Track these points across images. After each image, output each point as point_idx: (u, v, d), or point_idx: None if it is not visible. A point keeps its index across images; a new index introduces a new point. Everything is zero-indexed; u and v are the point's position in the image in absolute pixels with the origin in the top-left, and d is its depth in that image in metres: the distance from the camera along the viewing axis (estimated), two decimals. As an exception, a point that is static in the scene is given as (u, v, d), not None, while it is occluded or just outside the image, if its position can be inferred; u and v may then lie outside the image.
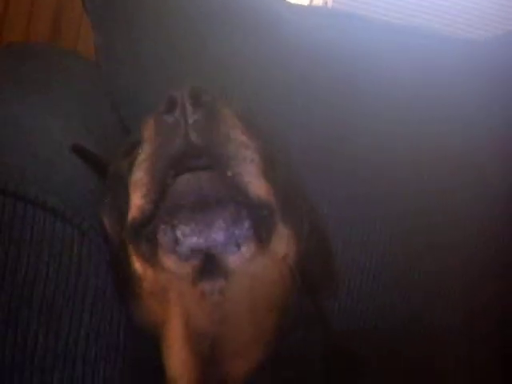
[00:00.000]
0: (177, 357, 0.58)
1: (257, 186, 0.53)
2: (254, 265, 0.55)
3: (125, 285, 0.61)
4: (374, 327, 1.01)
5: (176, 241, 0.51)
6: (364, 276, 1.02)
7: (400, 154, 1.10)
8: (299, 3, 1.69)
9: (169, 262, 0.54)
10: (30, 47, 1.24)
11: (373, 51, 1.21)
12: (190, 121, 0.51)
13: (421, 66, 1.23)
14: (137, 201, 0.53)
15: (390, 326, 1.03)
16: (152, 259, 0.55)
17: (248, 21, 1.12)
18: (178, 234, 0.51)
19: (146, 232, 0.53)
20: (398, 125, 1.13)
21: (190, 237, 0.51)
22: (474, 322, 1.07)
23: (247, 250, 0.53)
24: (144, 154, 0.54)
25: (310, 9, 1.56)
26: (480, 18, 2.17)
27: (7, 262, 0.57)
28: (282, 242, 0.58)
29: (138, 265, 0.58)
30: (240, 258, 0.53)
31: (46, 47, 1.31)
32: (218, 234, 0.51)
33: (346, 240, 1.02)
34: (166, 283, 0.57)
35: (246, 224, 0.52)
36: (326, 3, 1.91)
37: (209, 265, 0.53)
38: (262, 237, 0.54)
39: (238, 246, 0.53)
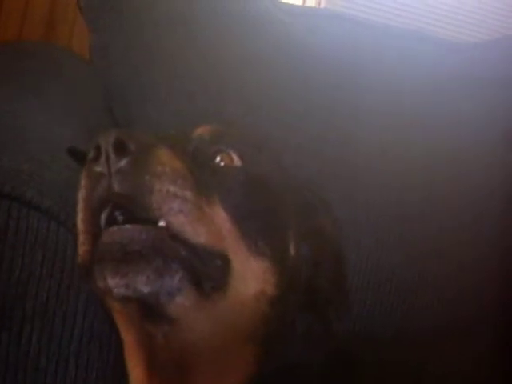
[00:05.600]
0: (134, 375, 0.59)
1: (192, 235, 0.52)
2: (204, 311, 0.54)
3: None
4: (369, 330, 1.01)
5: (109, 289, 0.51)
6: (360, 279, 1.02)
7: (399, 161, 1.10)
8: (292, 4, 1.69)
9: (110, 302, 0.56)
10: (25, 45, 1.24)
11: (369, 54, 1.22)
12: (113, 170, 0.50)
13: (418, 70, 1.23)
14: (79, 246, 0.54)
15: (384, 328, 1.03)
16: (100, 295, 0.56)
17: (241, 22, 1.13)
18: (109, 283, 0.51)
19: (90, 274, 0.53)
20: (396, 130, 1.13)
21: (117, 288, 0.51)
22: (472, 323, 1.08)
23: (185, 299, 0.53)
24: (79, 203, 0.53)
25: (303, 9, 1.56)
26: (482, 22, 2.17)
27: (1, 262, 0.58)
28: (250, 280, 0.57)
29: None
30: (179, 308, 0.53)
31: (40, 45, 1.31)
32: (143, 287, 0.50)
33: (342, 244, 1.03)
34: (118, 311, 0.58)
35: (178, 276, 0.51)
36: (319, 4, 1.91)
37: (148, 311, 0.53)
38: (204, 286, 0.53)
39: (172, 296, 0.52)
